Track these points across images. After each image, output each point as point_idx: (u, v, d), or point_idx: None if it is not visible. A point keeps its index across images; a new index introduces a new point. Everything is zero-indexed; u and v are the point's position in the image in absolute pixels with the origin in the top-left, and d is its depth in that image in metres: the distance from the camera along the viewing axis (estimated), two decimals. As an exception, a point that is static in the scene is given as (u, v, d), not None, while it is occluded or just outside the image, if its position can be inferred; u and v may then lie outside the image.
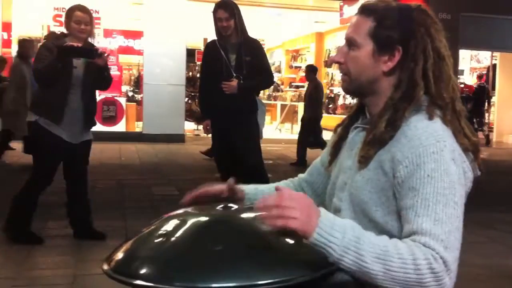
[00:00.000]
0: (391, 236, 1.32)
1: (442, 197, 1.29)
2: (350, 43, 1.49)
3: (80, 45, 4.06)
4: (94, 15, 13.44)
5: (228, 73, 4.59)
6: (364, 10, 1.49)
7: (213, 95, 4.66)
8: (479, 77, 16.51)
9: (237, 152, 4.65)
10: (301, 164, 9.06)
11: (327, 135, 13.77)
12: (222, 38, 4.63)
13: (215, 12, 4.59)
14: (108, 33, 13.44)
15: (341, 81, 1.57)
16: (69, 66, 4.03)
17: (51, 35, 4.27)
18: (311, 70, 9.72)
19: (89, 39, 4.25)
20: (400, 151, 1.36)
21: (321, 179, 1.71)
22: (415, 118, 1.40)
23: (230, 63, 4.60)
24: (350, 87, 1.53)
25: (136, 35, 13.87)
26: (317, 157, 1.81)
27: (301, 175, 1.80)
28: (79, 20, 4.10)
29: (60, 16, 12.18)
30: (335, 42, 17.02)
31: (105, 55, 4.22)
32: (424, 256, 1.22)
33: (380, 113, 1.45)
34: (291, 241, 1.31)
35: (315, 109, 9.34)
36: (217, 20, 4.58)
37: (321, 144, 9.24)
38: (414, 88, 1.43)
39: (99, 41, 13.41)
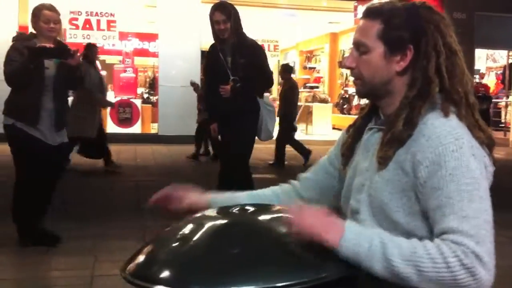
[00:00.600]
0: (413, 236, 1.32)
1: (466, 193, 1.29)
2: (360, 47, 1.49)
3: (52, 46, 4.01)
4: (109, 18, 13.62)
5: (226, 76, 4.60)
6: (369, 13, 1.49)
7: (215, 97, 4.70)
8: (481, 77, 16.39)
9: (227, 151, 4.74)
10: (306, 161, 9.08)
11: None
12: (220, 41, 4.62)
13: (211, 14, 4.56)
14: (123, 36, 13.57)
15: (354, 86, 1.57)
16: (41, 67, 3.97)
17: (19, 36, 4.21)
18: (286, 70, 9.67)
19: (58, 38, 4.19)
20: (420, 151, 1.36)
21: (328, 178, 1.70)
22: (431, 116, 1.41)
23: (227, 65, 4.61)
24: (363, 89, 1.53)
25: (151, 37, 13.99)
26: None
27: (303, 174, 1.77)
28: (48, 19, 4.04)
29: (76, 19, 12.32)
30: (350, 42, 16.93)
31: (78, 54, 4.16)
32: (454, 254, 1.22)
33: (396, 112, 1.45)
34: (308, 243, 1.31)
35: (290, 109, 9.25)
36: (214, 22, 4.55)
37: (291, 141, 9.34)
38: (429, 85, 1.43)
39: (115, 44, 13.58)
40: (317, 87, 18.18)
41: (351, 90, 16.74)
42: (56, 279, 3.68)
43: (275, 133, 7.07)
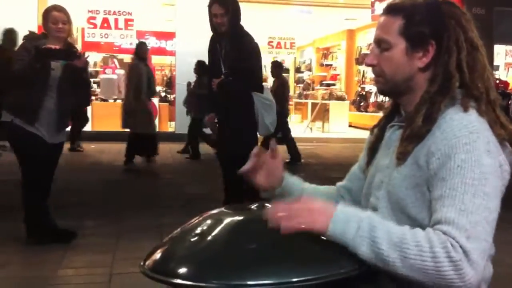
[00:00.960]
0: None
1: (471, 187, 1.27)
2: (381, 44, 1.48)
3: (58, 47, 4.01)
4: (127, 17, 13.65)
5: (219, 69, 4.57)
6: (390, 10, 1.49)
7: (211, 90, 4.68)
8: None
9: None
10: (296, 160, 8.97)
11: (357, 133, 13.67)
12: (217, 34, 4.57)
13: (210, 6, 4.48)
14: (140, 35, 13.61)
15: (375, 83, 1.57)
16: (47, 68, 3.99)
17: (30, 36, 4.22)
18: (277, 67, 9.61)
19: (69, 39, 4.19)
20: (434, 143, 1.36)
21: (360, 184, 1.68)
22: (451, 111, 1.40)
23: (222, 59, 4.55)
24: (385, 87, 1.53)
25: (168, 36, 14.03)
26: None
27: (339, 183, 1.79)
28: (56, 19, 4.05)
29: (94, 18, 12.41)
30: (367, 39, 16.90)
31: (86, 56, 4.16)
32: (442, 245, 1.21)
33: (416, 108, 1.45)
34: (325, 239, 1.32)
35: (282, 106, 9.16)
36: (212, 15, 4.47)
37: (290, 140, 9.17)
38: (449, 80, 1.43)
39: (132, 43, 13.63)
40: (333, 85, 18.13)
41: (368, 87, 16.67)
42: (75, 277, 3.71)
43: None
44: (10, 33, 7.43)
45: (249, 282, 1.19)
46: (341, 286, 1.25)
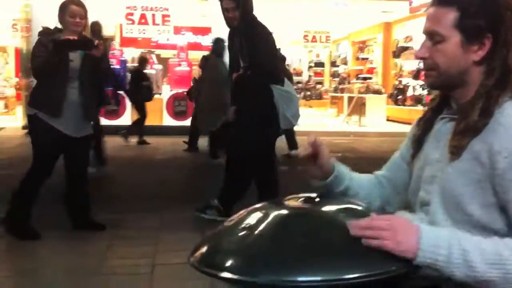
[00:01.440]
0: (489, 229, 1.30)
1: None
2: (434, 36, 1.44)
3: (75, 38, 4.06)
4: (164, 12, 13.72)
5: (238, 63, 4.58)
6: (442, 1, 1.44)
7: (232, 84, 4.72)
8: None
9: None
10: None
11: (395, 127, 13.52)
12: (232, 28, 4.58)
13: (221, 1, 4.51)
14: (177, 30, 13.74)
15: (426, 77, 1.52)
16: (65, 60, 4.05)
17: (44, 31, 4.29)
18: (280, 60, 9.46)
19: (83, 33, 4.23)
20: (498, 141, 1.33)
21: (402, 174, 1.66)
22: (508, 105, 1.37)
23: (239, 53, 4.56)
24: (437, 80, 1.48)
25: (204, 31, 14.14)
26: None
27: (378, 172, 1.76)
28: (74, 13, 4.09)
29: (132, 14, 12.59)
30: (404, 31, 16.68)
31: (101, 43, 4.19)
32: None
33: (471, 101, 1.41)
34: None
35: None
36: (223, 10, 4.51)
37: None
38: (509, 75, 1.40)
39: (169, 38, 13.76)
40: (370, 78, 17.97)
41: (406, 80, 16.46)
42: (118, 267, 3.79)
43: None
44: (93, 26, 7.47)
45: (299, 278, 1.17)
46: (393, 284, 1.24)
